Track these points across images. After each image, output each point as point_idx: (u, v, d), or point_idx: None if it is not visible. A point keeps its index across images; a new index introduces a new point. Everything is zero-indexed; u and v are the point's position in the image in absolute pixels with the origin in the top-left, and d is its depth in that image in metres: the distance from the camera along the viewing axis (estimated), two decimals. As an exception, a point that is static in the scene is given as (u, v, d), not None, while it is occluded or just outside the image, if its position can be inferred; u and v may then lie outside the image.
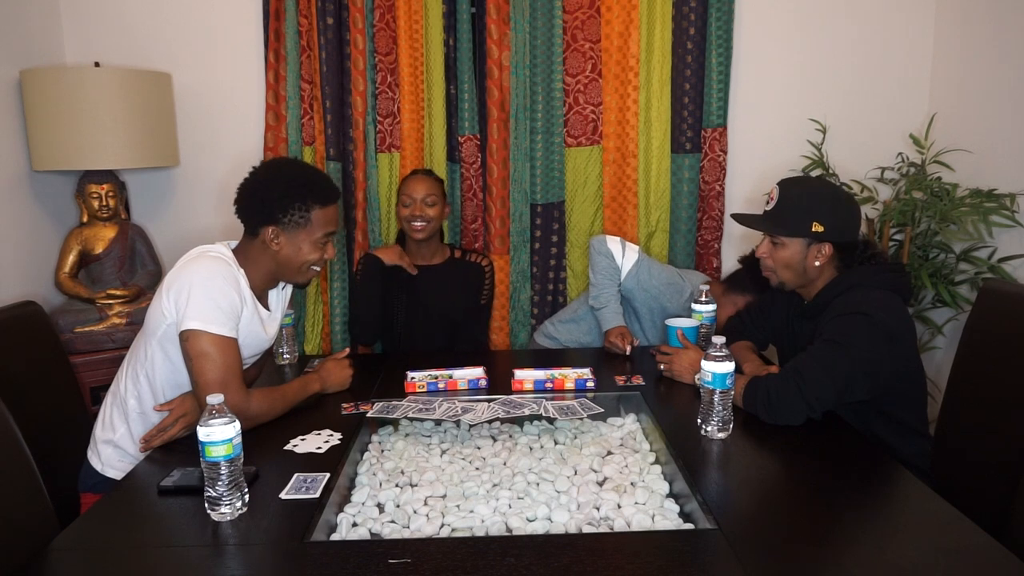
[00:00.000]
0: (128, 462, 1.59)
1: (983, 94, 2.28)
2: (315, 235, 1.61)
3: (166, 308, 1.50)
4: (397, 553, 1.08)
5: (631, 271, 2.18)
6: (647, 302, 2.20)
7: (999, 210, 2.10)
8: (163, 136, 2.35)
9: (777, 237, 1.65)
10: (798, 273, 1.66)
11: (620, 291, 2.20)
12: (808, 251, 1.63)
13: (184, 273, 1.50)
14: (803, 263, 1.64)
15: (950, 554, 1.06)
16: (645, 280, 2.18)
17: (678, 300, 2.18)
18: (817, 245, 1.62)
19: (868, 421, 1.62)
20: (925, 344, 2.34)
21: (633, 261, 2.18)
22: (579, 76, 2.47)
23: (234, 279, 1.54)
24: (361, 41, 2.39)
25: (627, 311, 2.23)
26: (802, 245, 1.63)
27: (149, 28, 2.50)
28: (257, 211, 1.57)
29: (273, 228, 1.57)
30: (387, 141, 2.49)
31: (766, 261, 1.70)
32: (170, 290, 1.50)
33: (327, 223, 1.62)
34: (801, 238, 1.63)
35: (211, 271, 1.50)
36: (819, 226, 1.60)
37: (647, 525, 1.22)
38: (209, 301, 1.47)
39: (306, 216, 1.59)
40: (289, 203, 1.56)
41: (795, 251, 1.64)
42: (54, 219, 2.43)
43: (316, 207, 1.59)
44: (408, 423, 1.68)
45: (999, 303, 1.60)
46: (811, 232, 1.61)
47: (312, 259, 1.62)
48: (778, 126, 2.56)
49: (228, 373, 1.47)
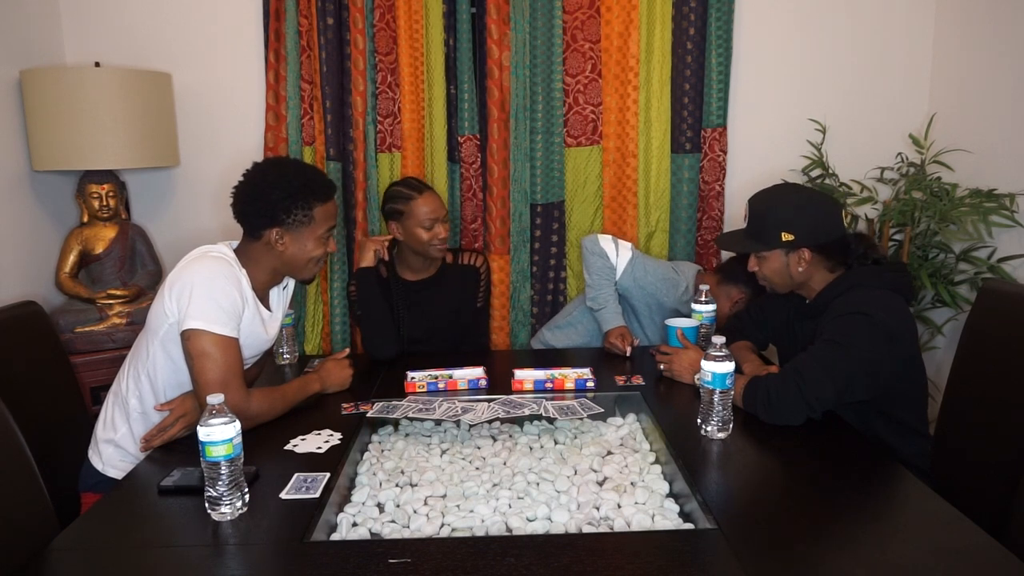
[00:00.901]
0: (129, 462, 1.60)
1: (983, 94, 2.28)
2: (319, 231, 1.63)
3: (168, 308, 1.50)
4: (397, 553, 1.08)
5: (626, 269, 2.18)
6: (644, 299, 2.20)
7: (999, 210, 2.10)
8: (163, 136, 2.35)
9: (757, 252, 1.69)
10: (786, 281, 1.70)
11: (617, 290, 2.20)
12: (788, 259, 1.66)
13: (186, 273, 1.50)
14: (787, 271, 1.67)
15: (950, 554, 1.06)
16: (641, 277, 2.18)
17: (674, 294, 2.18)
18: (794, 252, 1.65)
19: (868, 421, 1.62)
20: (925, 344, 2.34)
21: (628, 259, 2.18)
22: (579, 76, 2.47)
23: (236, 279, 1.54)
24: (361, 41, 2.39)
25: (625, 310, 2.23)
26: (781, 255, 1.67)
27: (149, 28, 2.50)
28: (259, 214, 1.58)
29: (278, 230, 1.58)
30: (387, 141, 2.49)
31: (758, 274, 1.74)
32: (172, 290, 1.50)
33: (328, 218, 1.65)
34: (777, 249, 1.65)
35: (213, 271, 1.51)
36: (788, 235, 1.63)
37: (647, 525, 1.22)
38: (211, 301, 1.47)
39: (309, 215, 1.60)
40: (292, 204, 1.57)
41: (777, 262, 1.68)
42: (54, 219, 2.43)
43: (318, 205, 1.61)
44: (408, 423, 1.68)
45: (999, 303, 1.60)
46: (783, 242, 1.63)
47: (317, 255, 1.65)
48: (778, 126, 2.56)
49: (229, 373, 1.47)
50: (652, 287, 2.18)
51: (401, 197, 2.12)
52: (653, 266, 2.20)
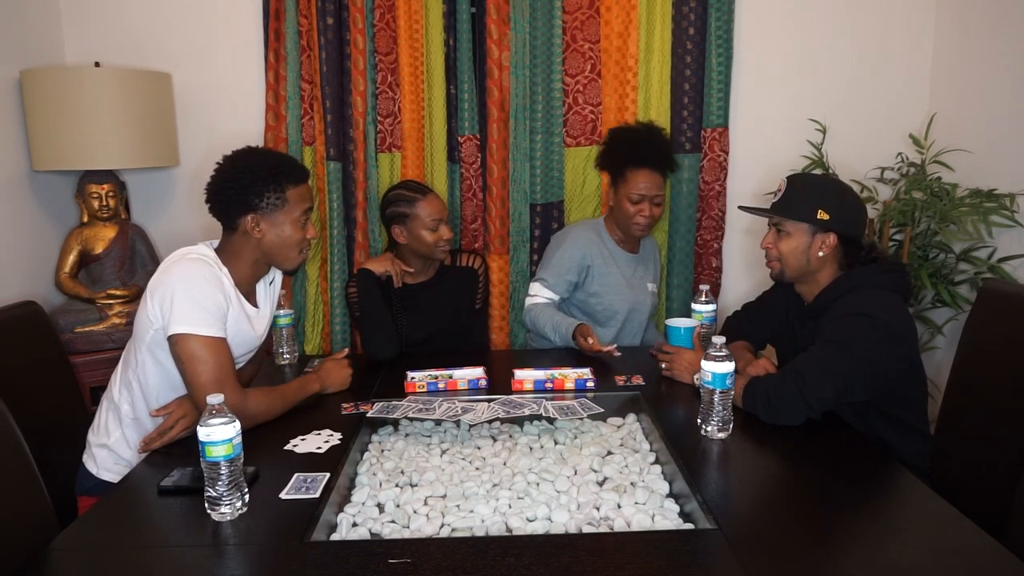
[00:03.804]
0: (124, 465, 1.60)
1: (983, 94, 2.28)
2: (294, 214, 1.61)
3: (152, 314, 1.50)
4: (397, 553, 1.08)
5: (553, 289, 2.18)
6: (586, 297, 2.22)
7: (999, 210, 2.10)
8: (163, 136, 2.35)
9: (783, 224, 1.66)
10: (801, 263, 1.66)
11: (562, 304, 2.23)
12: (812, 240, 1.64)
13: (166, 277, 1.50)
14: (807, 252, 1.65)
15: (950, 554, 1.06)
16: (564, 289, 2.19)
17: (564, 259, 2.19)
18: (822, 235, 1.63)
19: (868, 421, 1.62)
20: (925, 344, 2.34)
21: (539, 286, 2.20)
22: (578, 76, 2.47)
23: (216, 279, 1.53)
24: (361, 41, 2.39)
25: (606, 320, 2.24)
26: (807, 234, 1.64)
27: (149, 28, 2.50)
28: (232, 203, 1.57)
29: (252, 216, 1.58)
30: (387, 141, 2.49)
31: (770, 251, 1.71)
32: (154, 296, 1.50)
33: (303, 199, 1.63)
34: (806, 224, 1.64)
35: (192, 273, 1.50)
36: (824, 214, 1.61)
37: (647, 525, 1.22)
38: (193, 303, 1.47)
39: (282, 197, 1.59)
40: (263, 187, 1.57)
41: (799, 240, 1.65)
42: (54, 219, 2.43)
43: (290, 187, 1.60)
44: (408, 423, 1.68)
45: (999, 303, 1.60)
46: (816, 219, 1.62)
47: (296, 238, 1.63)
48: (778, 126, 2.56)
49: (221, 373, 1.47)
50: (580, 288, 2.21)
51: (404, 200, 2.12)
52: (563, 273, 2.19)
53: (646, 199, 2.13)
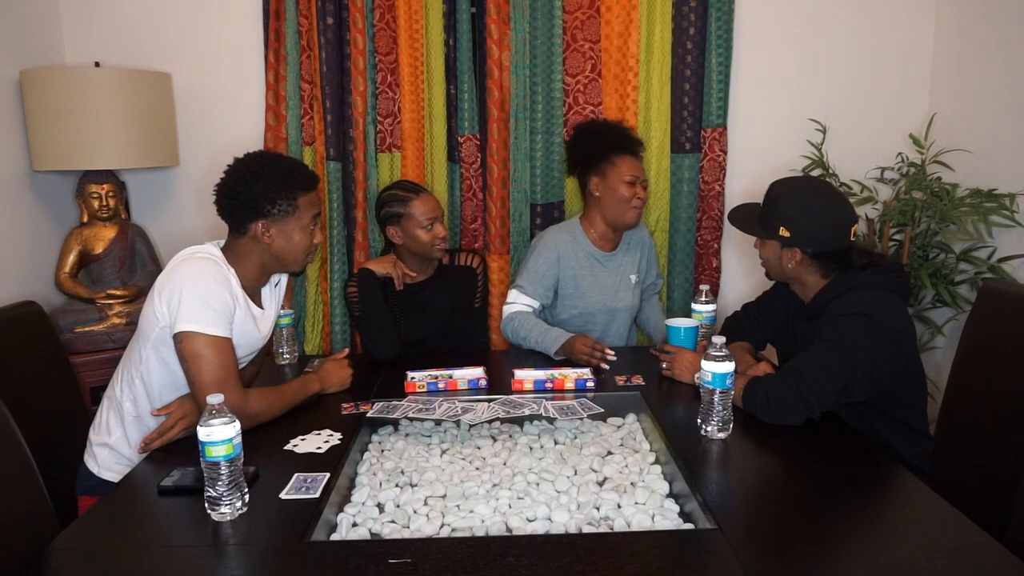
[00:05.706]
0: (125, 465, 1.60)
1: (983, 94, 2.28)
2: (304, 220, 1.62)
3: (159, 311, 1.50)
4: (397, 553, 1.08)
5: (538, 298, 2.16)
6: (569, 299, 2.20)
7: (999, 210, 2.10)
8: (163, 136, 2.35)
9: (757, 236, 1.71)
10: (777, 271, 1.72)
11: (546, 312, 2.22)
12: (782, 253, 1.67)
13: (174, 275, 1.50)
14: (779, 263, 1.69)
15: (950, 554, 1.06)
16: (543, 294, 2.16)
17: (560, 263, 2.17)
18: (788, 249, 1.65)
19: (868, 421, 1.62)
20: (925, 344, 2.34)
21: (528, 293, 2.16)
22: (579, 76, 2.47)
23: (224, 279, 1.54)
24: (361, 41, 2.39)
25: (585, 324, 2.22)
26: (776, 246, 1.68)
27: (149, 28, 2.50)
28: (243, 208, 1.57)
29: (263, 222, 1.58)
30: (387, 141, 2.49)
31: (759, 253, 1.75)
32: (162, 293, 1.50)
33: (312, 206, 1.64)
34: (773, 240, 1.67)
35: (201, 272, 1.50)
36: (785, 231, 1.63)
37: (647, 525, 1.22)
38: (201, 302, 1.47)
39: (294, 204, 1.60)
40: (276, 194, 1.57)
41: (771, 251, 1.70)
42: (54, 219, 2.43)
43: (301, 194, 1.61)
44: (408, 423, 1.68)
45: (999, 303, 1.60)
46: (778, 236, 1.64)
47: (305, 244, 1.64)
48: (778, 126, 2.56)
49: (224, 373, 1.48)
50: (559, 290, 2.19)
51: (397, 200, 2.12)
52: (541, 277, 2.16)
53: (639, 180, 2.14)
